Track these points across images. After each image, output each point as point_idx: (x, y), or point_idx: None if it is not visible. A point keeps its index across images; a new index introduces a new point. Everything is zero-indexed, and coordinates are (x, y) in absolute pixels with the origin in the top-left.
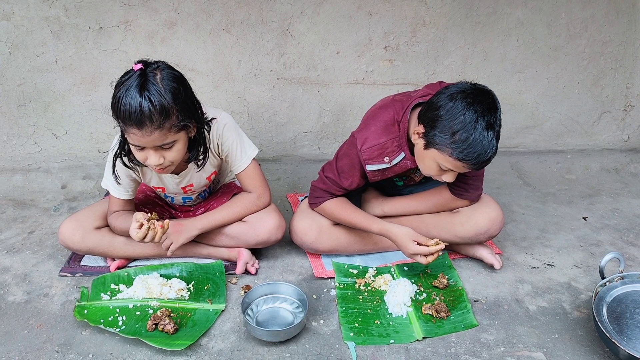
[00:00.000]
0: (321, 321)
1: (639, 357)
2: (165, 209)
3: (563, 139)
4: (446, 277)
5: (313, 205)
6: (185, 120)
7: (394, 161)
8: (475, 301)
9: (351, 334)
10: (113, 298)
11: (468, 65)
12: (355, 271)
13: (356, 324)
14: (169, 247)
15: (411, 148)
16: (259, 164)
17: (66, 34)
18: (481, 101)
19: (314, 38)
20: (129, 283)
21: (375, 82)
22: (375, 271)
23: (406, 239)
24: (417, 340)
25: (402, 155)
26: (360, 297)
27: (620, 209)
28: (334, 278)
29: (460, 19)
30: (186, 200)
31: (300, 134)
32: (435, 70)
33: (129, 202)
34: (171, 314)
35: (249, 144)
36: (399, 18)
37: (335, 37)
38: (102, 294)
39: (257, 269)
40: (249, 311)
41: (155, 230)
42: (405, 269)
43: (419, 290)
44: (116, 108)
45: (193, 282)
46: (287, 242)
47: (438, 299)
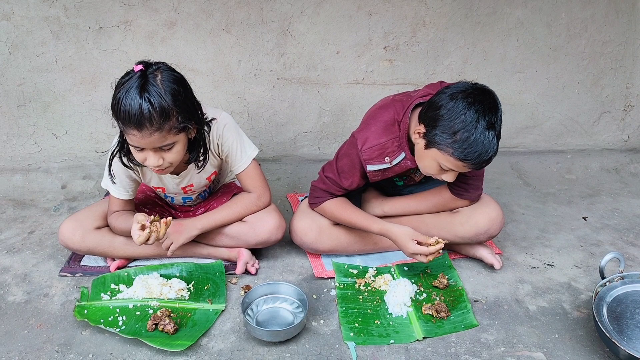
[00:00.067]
0: (321, 321)
1: (639, 357)
2: (165, 209)
3: (563, 139)
4: (446, 277)
5: (313, 205)
6: (185, 122)
7: (395, 161)
8: (475, 301)
9: (351, 334)
10: (113, 298)
11: (468, 65)
12: (355, 271)
13: (356, 324)
14: (169, 247)
15: (411, 148)
16: (259, 164)
17: (66, 34)
18: (482, 101)
19: (314, 38)
20: (129, 283)
21: (375, 82)
22: (375, 271)
23: (406, 239)
24: (417, 340)
25: (403, 155)
26: (360, 297)
27: (620, 209)
28: (334, 278)
29: (460, 19)
30: (186, 200)
31: (300, 134)
32: (435, 70)
33: (129, 202)
34: (171, 314)
35: (249, 144)
36: (399, 18)
37: (335, 37)
38: (102, 294)
39: (257, 269)
40: (249, 311)
41: (158, 229)
42: (405, 269)
43: (419, 290)
44: (116, 109)
45: (193, 282)
46: (287, 242)
47: (438, 299)
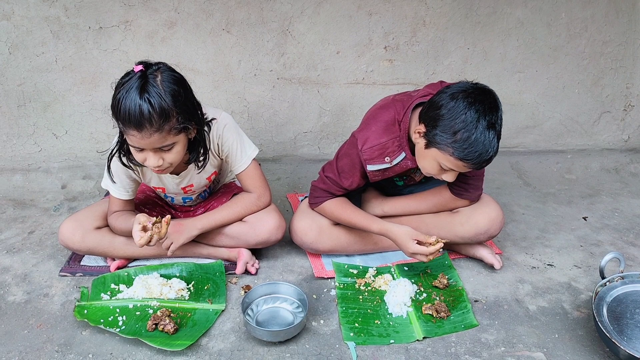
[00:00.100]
0: (321, 321)
1: (639, 357)
2: (165, 209)
3: (563, 139)
4: (446, 277)
5: (313, 205)
6: (185, 122)
7: (395, 161)
8: (476, 301)
9: (351, 334)
10: (113, 298)
11: (468, 65)
12: (355, 271)
13: (356, 324)
14: (169, 247)
15: (412, 148)
16: (259, 164)
17: (66, 34)
18: (482, 101)
19: (314, 38)
20: (129, 283)
21: (375, 82)
22: (376, 271)
23: (406, 238)
24: (417, 340)
25: (403, 155)
26: (361, 297)
27: (620, 209)
28: (334, 278)
29: (460, 19)
30: (186, 200)
31: (300, 134)
32: (435, 70)
33: (129, 202)
34: (171, 314)
35: (249, 144)
36: (399, 18)
37: (335, 37)
38: (102, 294)
39: (257, 269)
40: (249, 311)
41: (160, 230)
42: (406, 269)
43: (419, 290)
44: (116, 109)
45: (193, 282)
46: (287, 242)
47: (438, 299)
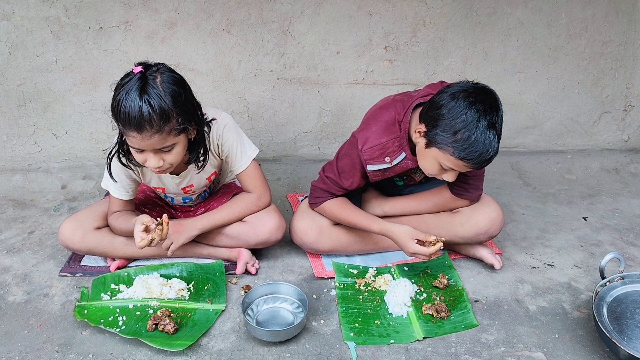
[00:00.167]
0: (321, 321)
1: (639, 357)
2: (165, 209)
3: (563, 139)
4: (446, 277)
5: (313, 205)
6: (185, 123)
7: (395, 161)
8: (476, 301)
9: (351, 334)
10: (113, 298)
11: (468, 65)
12: (355, 271)
13: (356, 324)
14: (169, 247)
15: (412, 148)
16: (259, 164)
17: (66, 34)
18: (483, 100)
19: (314, 38)
20: (129, 283)
21: (375, 82)
22: (376, 271)
23: (406, 238)
24: (418, 340)
25: (403, 155)
26: (361, 297)
27: (620, 209)
28: (334, 278)
29: (460, 19)
30: (186, 200)
31: (300, 134)
32: (435, 70)
33: (129, 203)
34: (171, 314)
35: (249, 144)
36: (399, 18)
37: (335, 37)
38: (102, 294)
39: (257, 269)
40: (249, 311)
41: (162, 231)
42: (406, 269)
43: (419, 290)
44: (116, 111)
45: (193, 282)
46: (287, 242)
47: (438, 299)
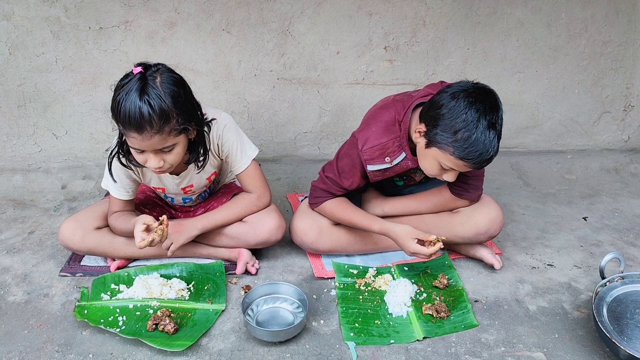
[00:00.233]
0: (321, 321)
1: (639, 358)
2: (165, 210)
3: (563, 139)
4: (446, 277)
5: (313, 205)
6: (185, 123)
7: (395, 161)
8: (476, 301)
9: (351, 334)
10: (113, 298)
11: (468, 65)
12: (355, 271)
13: (356, 324)
14: (169, 247)
15: (412, 148)
16: (259, 164)
17: (66, 34)
18: (483, 100)
19: (314, 38)
20: (129, 283)
21: (375, 82)
22: (376, 271)
23: (407, 237)
24: (418, 340)
25: (403, 155)
26: (361, 297)
27: (620, 209)
28: (334, 278)
29: (460, 19)
30: (186, 200)
31: (300, 134)
32: (435, 70)
33: (129, 203)
34: (171, 314)
35: (249, 144)
36: (399, 18)
37: (335, 37)
38: (102, 294)
39: (258, 269)
40: (249, 311)
41: (163, 232)
42: (406, 269)
43: (419, 290)
44: (116, 112)
45: (193, 282)
46: (287, 242)
47: (438, 299)
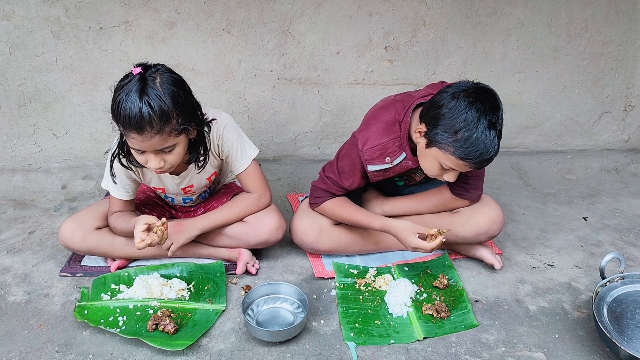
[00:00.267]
0: (321, 321)
1: (639, 358)
2: (165, 210)
3: (563, 139)
4: (446, 277)
5: (313, 205)
6: (185, 123)
7: (395, 161)
8: (476, 301)
9: (351, 334)
10: (113, 298)
11: (468, 65)
12: (355, 271)
13: (356, 324)
14: (169, 248)
15: (412, 148)
16: (260, 165)
17: (66, 34)
18: (483, 100)
19: (314, 38)
20: (129, 283)
21: (375, 83)
22: (376, 271)
23: (408, 233)
24: (418, 340)
25: (404, 155)
26: (361, 298)
27: (620, 209)
28: (334, 278)
29: (460, 19)
30: (186, 200)
31: (301, 134)
32: (435, 70)
33: (129, 203)
34: (171, 314)
35: (249, 144)
36: (399, 18)
37: (335, 37)
38: (103, 294)
39: (258, 269)
40: (250, 311)
41: (163, 233)
42: (406, 269)
43: (419, 291)
44: (116, 112)
45: (193, 282)
46: (288, 242)
47: (438, 299)
